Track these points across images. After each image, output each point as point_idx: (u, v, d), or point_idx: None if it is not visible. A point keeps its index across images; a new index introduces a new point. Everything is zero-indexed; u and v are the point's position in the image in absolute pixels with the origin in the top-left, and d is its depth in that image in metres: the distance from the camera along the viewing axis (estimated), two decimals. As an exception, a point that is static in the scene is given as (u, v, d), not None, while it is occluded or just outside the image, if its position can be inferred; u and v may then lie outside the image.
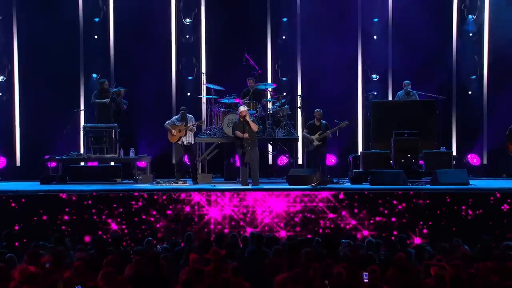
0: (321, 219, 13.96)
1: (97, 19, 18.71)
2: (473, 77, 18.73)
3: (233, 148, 16.41)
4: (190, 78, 18.95)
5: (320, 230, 13.84)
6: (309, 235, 13.34)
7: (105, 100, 17.05)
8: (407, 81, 17.27)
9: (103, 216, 13.99)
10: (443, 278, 8.28)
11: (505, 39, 18.19)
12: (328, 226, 13.91)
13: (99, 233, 13.72)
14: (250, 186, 14.99)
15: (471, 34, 18.65)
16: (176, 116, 16.39)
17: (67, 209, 13.97)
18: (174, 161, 16.20)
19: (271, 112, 17.05)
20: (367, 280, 8.50)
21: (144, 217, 14.00)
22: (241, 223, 14.00)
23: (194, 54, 18.97)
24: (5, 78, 18.58)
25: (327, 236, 12.53)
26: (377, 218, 13.90)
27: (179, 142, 16.09)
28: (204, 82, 17.89)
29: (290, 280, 8.42)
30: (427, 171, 15.90)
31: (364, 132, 18.60)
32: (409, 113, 16.50)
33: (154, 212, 14.04)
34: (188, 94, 18.88)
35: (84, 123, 17.67)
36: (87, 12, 18.68)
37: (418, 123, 16.26)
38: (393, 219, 13.85)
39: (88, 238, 13.41)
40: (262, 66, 18.23)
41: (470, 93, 18.81)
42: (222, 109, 16.91)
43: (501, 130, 17.08)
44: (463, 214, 13.83)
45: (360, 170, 16.10)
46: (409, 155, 15.82)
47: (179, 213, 13.96)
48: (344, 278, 8.44)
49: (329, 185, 15.07)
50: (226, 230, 13.77)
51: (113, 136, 16.78)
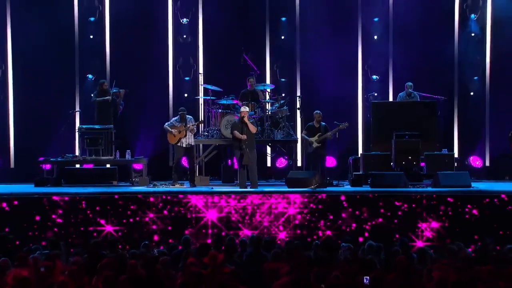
0: (320, 222, 13.95)
1: (92, 19, 18.70)
2: (475, 77, 18.73)
3: (231, 150, 16.40)
4: (187, 78, 18.94)
5: (320, 233, 13.82)
6: (308, 239, 13.34)
7: (106, 98, 17.02)
8: (410, 83, 17.25)
9: (98, 219, 13.96)
10: (446, 283, 8.26)
11: (508, 39, 18.21)
12: (327, 229, 13.89)
13: (94, 234, 13.73)
14: (248, 189, 14.97)
15: (473, 34, 18.66)
16: (175, 117, 16.36)
17: (60, 211, 13.95)
18: (171, 163, 16.18)
19: (269, 113, 17.04)
20: (367, 284, 8.48)
21: (138, 219, 13.99)
22: (239, 226, 13.98)
23: (191, 54, 18.96)
24: (-2, 79, 18.61)
25: (327, 240, 12.50)
26: (378, 220, 13.89)
27: (179, 144, 16.07)
28: (202, 83, 17.85)
29: (290, 285, 8.39)
30: (429, 173, 15.89)
31: (364, 133, 18.59)
32: (410, 114, 16.47)
33: (151, 215, 14.03)
34: (185, 95, 18.86)
35: (80, 124, 17.65)
36: (82, 12, 18.67)
37: (419, 124, 16.24)
38: (395, 221, 13.86)
39: (80, 241, 13.42)
40: (260, 67, 18.22)
41: (472, 94, 18.81)
42: (220, 110, 16.89)
43: (504, 132, 17.07)
44: (466, 217, 13.83)
45: (360, 172, 16.08)
46: (410, 157, 15.81)
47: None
48: (342, 282, 8.41)
49: (328, 188, 15.06)
50: (224, 233, 13.74)
51: (109, 137, 16.76)
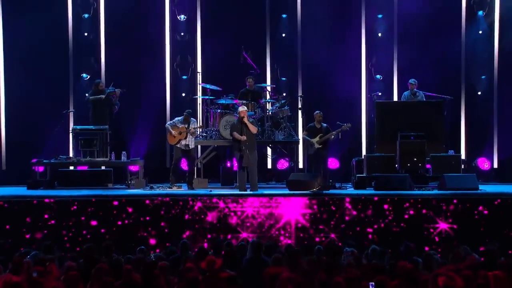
0: (322, 225, 13.96)
1: (86, 15, 18.70)
2: (483, 76, 18.73)
3: (230, 151, 16.40)
4: (185, 77, 18.94)
5: (322, 238, 13.82)
6: (310, 243, 13.33)
7: (100, 96, 17.01)
8: (413, 80, 17.21)
9: (92, 223, 13.97)
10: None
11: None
12: (330, 232, 13.90)
13: (88, 237, 13.75)
14: (248, 192, 14.98)
15: (480, 31, 18.64)
16: (179, 118, 16.34)
17: (54, 215, 13.96)
18: (168, 164, 16.20)
19: (270, 113, 17.03)
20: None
21: (134, 222, 14.00)
22: (239, 230, 13.98)
23: (189, 52, 18.96)
24: (-11, 78, 18.61)
25: (329, 244, 12.51)
26: (382, 225, 13.90)
27: (178, 145, 16.07)
28: (200, 82, 17.87)
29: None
30: (435, 175, 15.87)
31: (368, 134, 18.59)
32: (416, 115, 16.46)
33: (148, 218, 14.04)
34: (183, 94, 18.87)
35: (74, 124, 17.64)
36: (76, 8, 18.66)
37: (425, 125, 16.22)
38: (402, 224, 13.88)
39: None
40: (260, 65, 18.22)
41: (479, 93, 18.81)
42: (218, 111, 16.88)
43: (513, 132, 17.12)
44: (474, 220, 13.84)
45: (364, 175, 16.07)
46: (415, 159, 15.80)
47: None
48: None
49: (331, 190, 15.07)
50: (223, 237, 13.75)
51: (104, 138, 16.75)
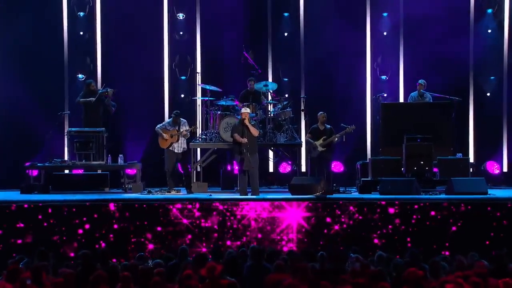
0: (326, 231, 13.97)
1: (82, 14, 18.71)
2: (492, 77, 18.74)
3: (231, 154, 16.41)
4: (183, 78, 18.95)
5: (326, 243, 13.82)
6: (313, 249, 13.33)
7: (90, 99, 17.03)
8: (422, 80, 17.21)
9: (89, 229, 13.98)
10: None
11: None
12: (333, 238, 13.90)
13: (82, 241, 13.77)
14: (249, 196, 14.99)
15: (489, 30, 18.66)
16: (168, 120, 16.40)
17: (51, 220, 13.96)
18: (166, 168, 16.21)
19: (272, 115, 17.04)
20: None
21: (132, 228, 14.02)
22: (239, 235, 13.98)
23: (188, 52, 18.98)
24: (-18, 78, 18.62)
25: (333, 250, 12.51)
26: (388, 230, 13.91)
27: (171, 148, 16.11)
28: (199, 83, 17.88)
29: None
30: (442, 179, 15.88)
31: (373, 137, 18.61)
32: (423, 116, 16.48)
33: (145, 223, 14.04)
34: (182, 95, 18.88)
35: (69, 127, 17.65)
36: (71, 6, 18.67)
37: (432, 127, 16.25)
38: (410, 229, 13.90)
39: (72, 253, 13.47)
40: (262, 65, 18.23)
41: (488, 94, 18.82)
42: (219, 112, 16.87)
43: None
44: (482, 226, 13.85)
45: (369, 178, 16.08)
46: (422, 162, 15.81)
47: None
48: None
49: (335, 195, 15.08)
50: (222, 243, 13.77)
51: (101, 141, 16.76)
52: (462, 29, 18.66)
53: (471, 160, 17.52)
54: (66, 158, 17.20)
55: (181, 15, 18.91)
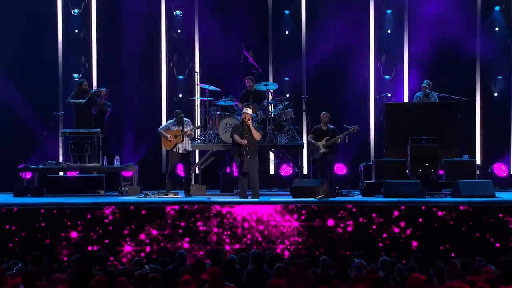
0: (328, 235, 13.95)
1: (76, 11, 18.70)
2: (500, 77, 18.73)
3: (230, 156, 16.39)
4: (181, 77, 18.94)
5: (328, 248, 13.81)
6: (315, 253, 13.32)
7: (79, 100, 16.99)
8: (428, 81, 17.20)
9: (83, 233, 13.97)
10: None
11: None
12: (336, 243, 13.88)
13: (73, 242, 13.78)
14: (249, 199, 14.98)
15: (497, 28, 18.65)
16: (171, 120, 16.32)
17: (43, 224, 13.96)
18: (163, 170, 16.19)
19: (273, 115, 17.03)
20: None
21: (128, 232, 14.01)
22: (239, 239, 13.97)
23: (186, 51, 18.97)
24: (-27, 78, 18.61)
25: (336, 255, 12.49)
26: (391, 234, 13.90)
27: (175, 149, 16.04)
28: (198, 82, 17.88)
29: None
30: (448, 182, 15.88)
31: (376, 138, 18.58)
32: (428, 117, 16.44)
33: (142, 227, 14.03)
34: (180, 95, 18.87)
35: (63, 128, 17.63)
36: (66, 3, 18.67)
37: (438, 128, 16.21)
38: (415, 233, 13.89)
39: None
40: (262, 65, 18.21)
41: (496, 94, 18.80)
42: (218, 113, 16.87)
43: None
44: (489, 230, 13.84)
45: (373, 181, 16.08)
46: (427, 164, 15.78)
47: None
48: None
49: (337, 198, 15.06)
50: (222, 247, 13.76)
51: (96, 142, 16.73)
52: (468, 27, 18.61)
53: (478, 162, 17.50)
54: (60, 160, 17.18)
55: (178, 13, 18.87)
